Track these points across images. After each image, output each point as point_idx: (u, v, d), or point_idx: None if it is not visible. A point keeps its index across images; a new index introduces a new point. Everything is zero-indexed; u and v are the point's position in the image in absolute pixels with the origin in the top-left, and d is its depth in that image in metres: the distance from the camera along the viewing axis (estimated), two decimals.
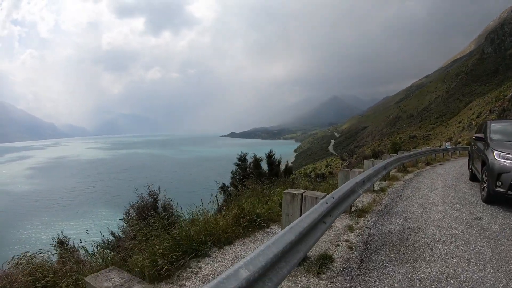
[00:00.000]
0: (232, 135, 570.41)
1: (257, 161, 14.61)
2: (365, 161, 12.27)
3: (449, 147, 32.61)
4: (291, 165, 19.89)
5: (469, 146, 15.57)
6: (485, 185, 8.50)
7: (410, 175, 15.05)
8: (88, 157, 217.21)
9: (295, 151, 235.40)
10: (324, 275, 4.34)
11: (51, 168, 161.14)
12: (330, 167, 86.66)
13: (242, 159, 14.78)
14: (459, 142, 58.60)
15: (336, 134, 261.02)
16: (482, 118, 74.80)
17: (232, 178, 14.44)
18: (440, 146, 39.97)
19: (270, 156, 15.10)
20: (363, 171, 8.44)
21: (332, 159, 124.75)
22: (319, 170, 71.13)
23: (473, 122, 79.38)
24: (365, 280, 4.18)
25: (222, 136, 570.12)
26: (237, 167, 14.69)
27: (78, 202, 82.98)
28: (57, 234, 7.29)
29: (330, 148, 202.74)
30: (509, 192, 7.52)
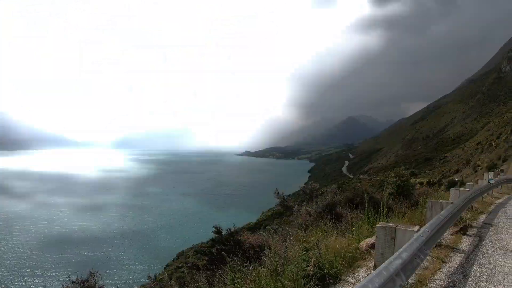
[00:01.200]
0: (247, 153, 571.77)
1: None
2: (452, 190, 12.14)
3: (493, 181, 20.65)
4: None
5: None
6: None
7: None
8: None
9: (309, 171, 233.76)
10: None
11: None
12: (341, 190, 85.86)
13: None
14: (502, 171, 46.05)
15: (350, 155, 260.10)
16: (503, 139, 74.03)
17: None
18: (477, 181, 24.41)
19: None
20: (451, 203, 8.39)
21: (343, 181, 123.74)
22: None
23: (493, 143, 78.14)
24: None
25: (237, 155, 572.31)
26: None
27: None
28: None
29: (344, 169, 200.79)
30: None
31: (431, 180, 60.47)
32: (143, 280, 42.63)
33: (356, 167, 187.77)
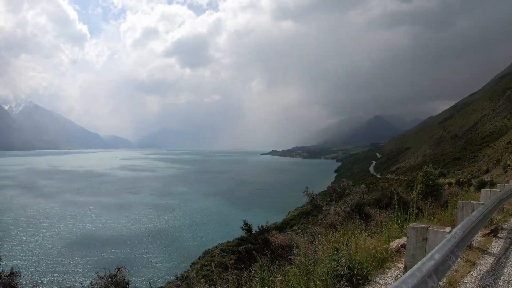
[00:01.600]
0: (273, 153, 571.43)
1: None
2: (483, 191, 11.96)
3: None
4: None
5: None
6: None
7: None
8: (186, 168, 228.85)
9: (335, 171, 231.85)
10: None
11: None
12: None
13: None
14: None
15: (377, 154, 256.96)
16: None
17: None
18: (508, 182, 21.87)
19: None
20: (482, 204, 8.09)
21: (371, 181, 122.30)
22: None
23: None
24: None
25: (263, 154, 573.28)
26: None
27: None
28: None
29: (371, 169, 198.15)
30: None
31: (461, 180, 59.30)
32: (168, 277, 43.26)
33: (383, 167, 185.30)
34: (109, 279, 9.49)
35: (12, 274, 8.16)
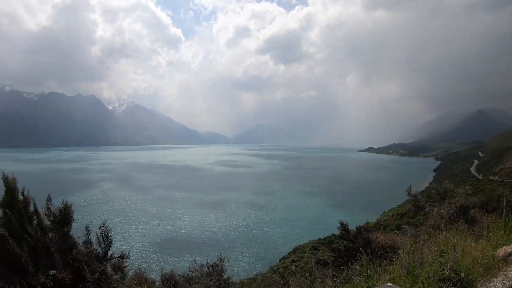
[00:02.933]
0: (370, 150, 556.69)
1: None
2: None
3: None
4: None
5: None
6: None
7: None
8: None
9: (434, 170, 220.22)
10: None
11: None
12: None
13: None
14: None
15: (480, 153, 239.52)
16: None
17: None
18: None
19: None
20: None
21: (472, 183, 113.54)
22: None
23: None
24: None
25: (360, 151, 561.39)
26: None
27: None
28: None
29: (473, 169, 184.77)
30: None
31: None
32: (259, 269, 44.45)
33: (487, 167, 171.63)
34: (210, 268, 10.08)
35: (122, 256, 8.91)
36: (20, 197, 7.50)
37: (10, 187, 7.43)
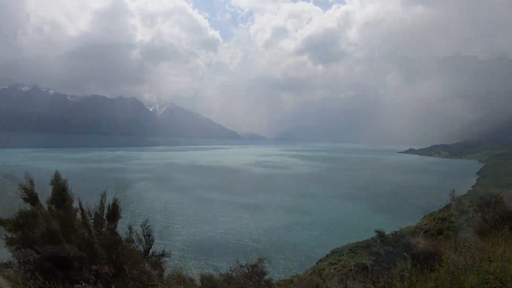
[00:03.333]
0: (411, 151, 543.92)
1: None
2: None
3: None
4: None
5: None
6: None
7: None
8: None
9: (477, 173, 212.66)
10: None
11: None
12: None
13: None
14: None
15: None
16: None
17: None
18: None
19: None
20: None
21: None
22: None
23: None
24: None
25: (400, 152, 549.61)
26: None
27: None
28: None
29: None
30: None
31: None
32: (295, 271, 44.39)
33: None
34: (250, 268, 10.18)
35: (163, 255, 9.10)
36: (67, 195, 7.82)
37: (60, 185, 7.76)
